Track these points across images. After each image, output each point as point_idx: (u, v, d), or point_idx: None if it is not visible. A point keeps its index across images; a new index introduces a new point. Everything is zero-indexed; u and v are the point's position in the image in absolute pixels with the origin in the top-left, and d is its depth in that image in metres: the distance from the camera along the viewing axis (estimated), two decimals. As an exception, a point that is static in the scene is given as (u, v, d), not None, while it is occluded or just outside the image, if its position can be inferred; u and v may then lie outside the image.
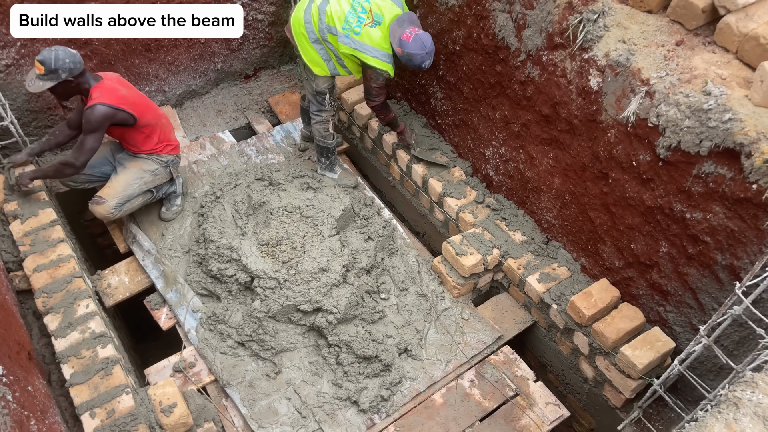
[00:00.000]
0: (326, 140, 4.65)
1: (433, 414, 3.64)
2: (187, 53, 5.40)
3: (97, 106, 3.88)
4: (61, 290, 3.81)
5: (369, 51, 4.00)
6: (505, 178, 4.36)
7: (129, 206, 4.30)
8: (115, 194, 4.19)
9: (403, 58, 3.96)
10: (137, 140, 4.25)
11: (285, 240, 4.11)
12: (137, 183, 4.27)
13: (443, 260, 4.25)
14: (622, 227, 3.53)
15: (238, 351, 3.88)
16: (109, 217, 4.21)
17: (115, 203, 4.17)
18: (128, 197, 4.25)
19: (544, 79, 3.61)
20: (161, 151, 4.35)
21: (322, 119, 4.56)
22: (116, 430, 3.20)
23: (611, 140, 3.31)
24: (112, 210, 4.18)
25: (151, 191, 4.42)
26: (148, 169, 4.30)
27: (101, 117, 3.90)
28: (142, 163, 4.31)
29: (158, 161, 4.34)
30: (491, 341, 3.96)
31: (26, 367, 3.26)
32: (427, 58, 3.94)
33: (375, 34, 3.97)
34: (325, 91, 4.39)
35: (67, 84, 3.88)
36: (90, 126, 3.92)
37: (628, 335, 3.53)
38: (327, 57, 4.21)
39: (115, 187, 4.22)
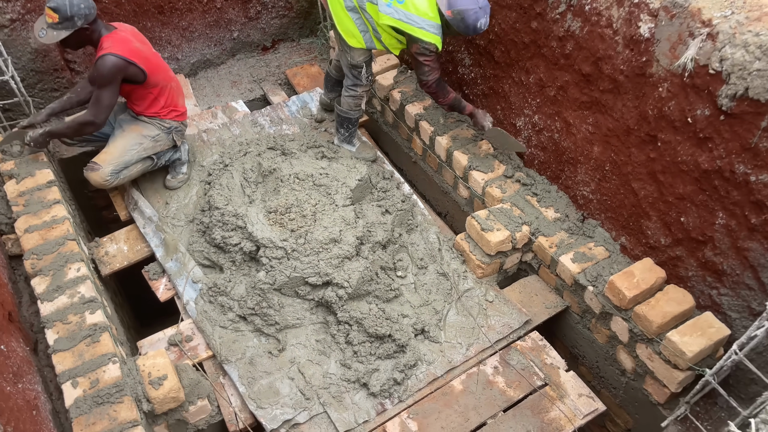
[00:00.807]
0: (350, 112, 4.33)
1: (452, 401, 3.27)
2: (202, 18, 5.14)
3: (108, 57, 3.59)
4: (52, 252, 3.52)
5: (415, 21, 3.62)
6: (537, 150, 3.98)
7: (126, 173, 4.01)
8: (111, 160, 3.90)
9: (455, 20, 3.57)
10: (144, 100, 3.96)
11: (295, 207, 3.78)
12: (135, 149, 3.98)
13: (467, 237, 3.87)
14: (671, 198, 3.13)
15: (240, 325, 3.55)
16: (105, 184, 3.93)
17: (110, 170, 3.89)
18: (125, 164, 3.96)
19: (586, 32, 3.24)
20: (165, 116, 4.05)
21: (357, 94, 4.23)
22: (99, 401, 2.88)
23: (662, 95, 2.93)
24: (108, 177, 3.89)
25: (151, 158, 4.12)
26: (148, 135, 4.01)
27: (113, 68, 3.61)
28: (142, 127, 4.02)
29: (160, 126, 4.05)
30: (518, 325, 3.57)
31: (3, 327, 2.97)
32: (481, 15, 3.52)
33: (420, 2, 3.60)
34: (361, 65, 4.06)
35: (81, 32, 3.62)
36: (102, 79, 3.64)
37: (675, 320, 3.12)
38: (364, 28, 3.87)
39: (111, 153, 3.93)
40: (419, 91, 4.66)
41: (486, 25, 3.60)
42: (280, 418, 3.15)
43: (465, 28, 3.60)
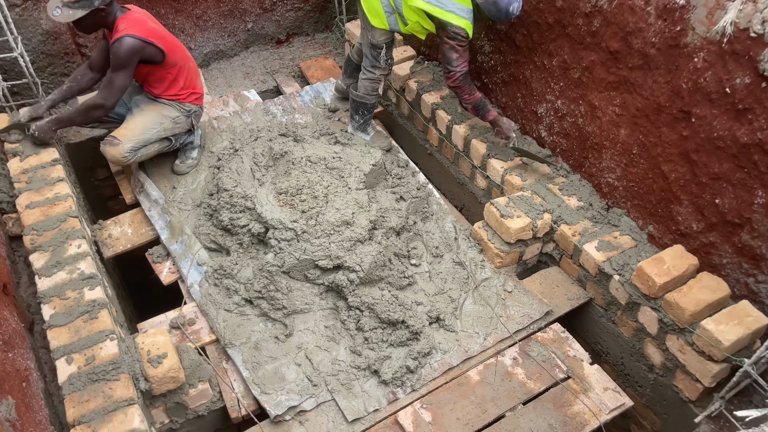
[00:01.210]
0: (366, 96, 4.20)
1: (468, 392, 3.06)
2: (216, 7, 5.06)
3: (125, 38, 3.49)
4: (52, 228, 3.38)
5: (444, 5, 3.52)
6: (559, 137, 3.82)
7: (144, 152, 3.88)
8: (132, 136, 3.77)
9: (486, 4, 3.46)
10: (163, 81, 3.83)
11: (306, 189, 3.63)
12: (156, 128, 3.85)
13: (485, 225, 3.70)
14: (705, 179, 2.95)
15: (245, 309, 3.38)
16: (122, 161, 3.78)
17: (130, 146, 3.75)
18: (145, 142, 3.83)
19: (615, 5, 3.10)
20: (185, 99, 3.94)
21: (374, 77, 4.10)
22: (94, 378, 2.71)
23: (698, 66, 2.77)
24: (126, 153, 3.75)
25: (169, 139, 4.00)
26: (168, 115, 3.90)
27: (130, 50, 3.51)
28: (162, 108, 3.90)
29: (180, 109, 3.93)
30: (539, 316, 3.38)
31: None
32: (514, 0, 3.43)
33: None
34: (382, 45, 3.94)
35: (97, 13, 3.52)
36: (118, 61, 3.53)
37: (709, 309, 2.92)
38: (390, 9, 3.76)
39: (131, 129, 3.80)
40: (436, 80, 4.53)
41: (518, 9, 3.48)
42: (285, 404, 2.96)
43: (497, 13, 3.48)
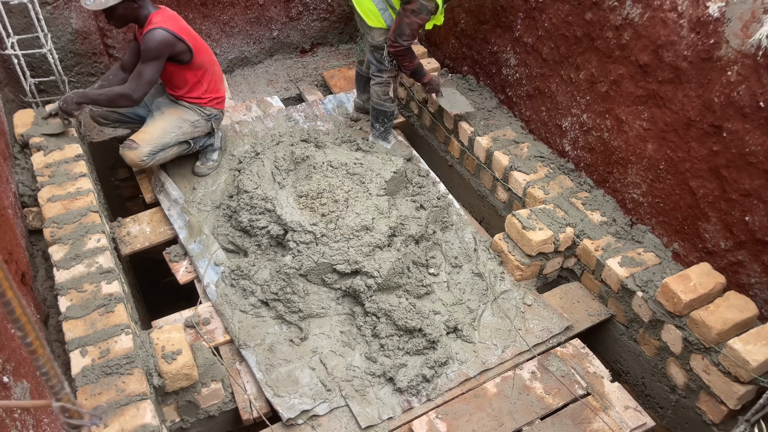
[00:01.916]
0: (384, 104, 4.20)
1: (484, 404, 2.99)
2: (243, 14, 5.11)
3: (158, 30, 3.51)
4: (73, 222, 3.38)
5: None
6: (584, 152, 3.79)
7: (162, 155, 3.89)
8: (151, 140, 3.78)
9: None
10: (187, 82, 3.85)
11: (327, 193, 3.61)
12: (175, 132, 3.86)
13: (505, 237, 3.66)
14: (735, 195, 2.89)
15: (261, 311, 3.34)
16: (140, 164, 3.80)
17: (148, 150, 3.76)
18: (164, 145, 3.84)
19: (647, 19, 3.08)
20: (206, 103, 3.96)
21: (383, 80, 4.11)
22: (108, 371, 2.68)
23: (731, 80, 2.73)
24: (145, 157, 3.76)
25: (188, 142, 4.01)
26: (188, 119, 3.91)
27: (162, 43, 3.53)
28: (182, 111, 3.92)
29: (200, 113, 3.95)
30: (558, 331, 3.31)
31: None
32: None
33: None
34: (383, 46, 3.96)
35: (129, 4, 3.54)
36: (149, 53, 3.55)
37: (736, 329, 2.85)
38: (383, 6, 3.82)
39: (150, 133, 3.81)
40: (460, 92, 4.52)
41: None
42: (298, 407, 2.91)
43: None
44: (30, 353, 0.72)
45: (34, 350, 0.71)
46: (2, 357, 2.10)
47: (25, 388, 2.17)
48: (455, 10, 4.65)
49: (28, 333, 0.70)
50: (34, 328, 0.70)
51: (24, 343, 0.70)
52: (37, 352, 0.71)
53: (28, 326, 0.69)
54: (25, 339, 0.71)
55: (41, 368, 0.74)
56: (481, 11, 4.35)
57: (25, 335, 0.70)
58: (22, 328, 0.70)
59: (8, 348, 2.22)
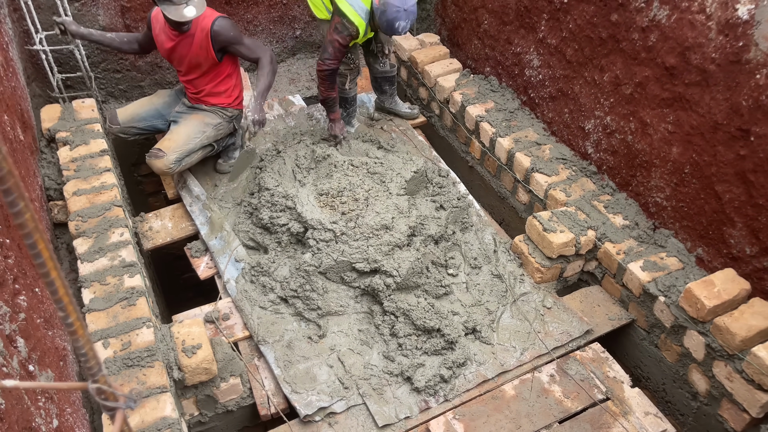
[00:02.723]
0: (344, 88, 4.30)
1: (502, 406, 2.98)
2: (267, 13, 5.14)
3: (221, 18, 3.62)
4: (97, 216, 3.44)
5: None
6: (607, 155, 3.75)
7: (188, 161, 3.91)
8: (176, 148, 3.80)
9: (378, 10, 3.61)
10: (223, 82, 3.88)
11: (347, 191, 3.62)
12: (199, 137, 3.89)
13: (526, 239, 3.63)
14: (762, 201, 2.85)
15: (280, 307, 3.36)
16: (168, 172, 3.82)
17: (175, 157, 3.79)
18: (189, 151, 3.87)
19: (674, 20, 3.04)
20: (231, 104, 3.99)
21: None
22: (129, 363, 2.72)
23: (760, 83, 2.69)
24: (172, 165, 3.79)
25: (212, 145, 4.04)
26: (210, 123, 3.93)
27: (233, 24, 3.66)
28: (203, 116, 3.95)
29: (222, 115, 3.98)
30: (578, 334, 3.28)
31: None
32: (402, 17, 3.57)
33: None
34: None
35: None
36: (237, 33, 3.67)
37: (760, 336, 2.80)
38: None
39: (175, 140, 3.83)
40: (481, 93, 4.51)
41: (405, 30, 3.65)
42: (315, 404, 2.92)
43: (383, 22, 3.62)
44: (70, 334, 0.74)
45: (74, 331, 0.72)
46: (28, 346, 2.13)
47: (50, 377, 2.21)
48: (478, 11, 4.64)
49: (70, 314, 0.71)
50: (76, 309, 0.71)
51: (65, 324, 0.71)
52: (78, 333, 0.73)
53: (69, 307, 0.71)
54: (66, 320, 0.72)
55: (80, 349, 0.75)
56: (505, 12, 4.33)
57: (67, 315, 0.71)
58: (64, 308, 0.71)
59: (34, 338, 2.26)
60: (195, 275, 3.70)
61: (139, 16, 4.56)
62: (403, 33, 3.70)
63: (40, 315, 2.50)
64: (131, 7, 4.52)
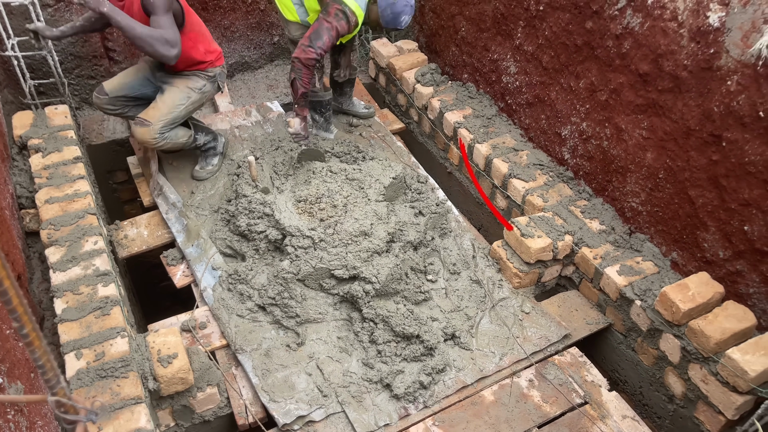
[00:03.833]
0: (318, 92, 4.27)
1: (481, 412, 2.98)
2: (244, 19, 5.12)
3: None
4: (70, 224, 3.37)
5: None
6: (583, 160, 3.79)
7: (172, 138, 3.79)
8: (161, 116, 3.67)
9: (384, 2, 3.61)
10: (184, 49, 3.65)
11: (326, 198, 3.60)
12: (184, 103, 3.74)
13: (504, 244, 3.65)
14: (734, 205, 2.90)
15: (258, 315, 3.33)
16: (152, 142, 3.70)
17: (160, 126, 3.66)
18: (174, 120, 3.73)
19: (647, 28, 3.09)
20: (208, 66, 3.82)
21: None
22: (102, 374, 2.66)
23: (731, 89, 2.74)
24: (157, 135, 3.67)
25: (194, 135, 3.96)
26: (194, 87, 3.77)
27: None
28: (186, 80, 3.78)
29: (204, 76, 3.83)
30: (556, 339, 3.30)
31: (10, 285, 2.78)
32: (408, 11, 3.62)
33: None
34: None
35: None
36: (156, 4, 3.33)
37: (734, 338, 2.84)
38: (298, 1, 3.87)
39: (160, 109, 3.69)
40: (459, 100, 4.53)
41: (406, 23, 3.70)
42: (294, 413, 2.89)
43: (389, 14, 3.64)
44: (26, 345, 0.71)
45: (30, 342, 0.70)
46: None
47: (20, 389, 2.15)
48: (456, 18, 4.67)
49: (25, 324, 0.69)
50: (31, 319, 0.69)
51: (21, 335, 0.69)
52: (34, 344, 0.70)
53: (25, 317, 0.68)
54: (21, 330, 0.70)
55: (37, 361, 0.73)
56: (482, 19, 4.36)
57: (22, 326, 0.69)
58: (19, 319, 0.69)
59: (3, 349, 2.20)
60: (172, 284, 3.65)
61: (114, 21, 4.51)
62: (404, 27, 3.73)
63: (9, 326, 2.44)
64: (106, 13, 4.46)
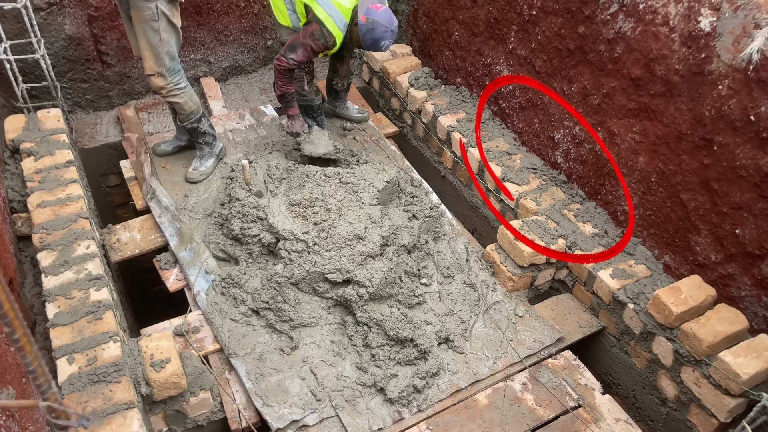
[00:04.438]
0: (308, 97, 4.31)
1: (475, 416, 2.98)
2: (238, 23, 5.12)
3: None
4: (62, 228, 3.36)
5: (326, 6, 3.65)
6: (576, 164, 3.80)
7: (189, 93, 3.85)
8: (153, 61, 3.63)
9: (364, 27, 3.61)
10: None
11: (319, 201, 3.60)
12: (158, 36, 3.57)
13: (498, 248, 3.66)
14: (726, 208, 2.91)
15: (251, 320, 3.32)
16: (167, 88, 3.73)
17: (159, 69, 3.65)
18: (165, 54, 3.64)
19: (639, 32, 3.11)
20: None
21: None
22: (95, 379, 2.65)
23: (722, 94, 2.76)
24: (167, 83, 3.70)
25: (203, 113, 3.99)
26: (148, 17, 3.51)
27: None
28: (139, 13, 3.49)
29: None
30: (550, 342, 3.31)
31: (2, 289, 2.76)
32: (388, 36, 3.63)
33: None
34: None
35: None
36: None
37: (726, 341, 2.85)
38: (291, 7, 3.89)
39: (146, 57, 3.64)
40: (452, 104, 4.54)
41: (387, 48, 3.71)
42: (287, 417, 2.88)
43: (369, 39, 3.65)
44: (17, 350, 0.71)
45: (21, 347, 0.69)
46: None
47: (11, 394, 2.14)
48: (449, 22, 4.68)
49: (16, 329, 0.68)
50: (22, 324, 0.68)
51: (12, 340, 0.68)
52: (25, 349, 0.70)
53: (15, 322, 0.68)
54: (12, 335, 0.69)
55: (28, 366, 0.72)
56: (475, 23, 4.38)
57: (13, 331, 0.69)
58: (10, 323, 0.68)
59: (-6, 354, 2.19)
60: (165, 288, 3.64)
61: (106, 25, 4.50)
62: (384, 50, 3.75)
63: (0, 330, 2.42)
64: (99, 17, 4.45)
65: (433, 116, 4.49)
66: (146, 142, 4.39)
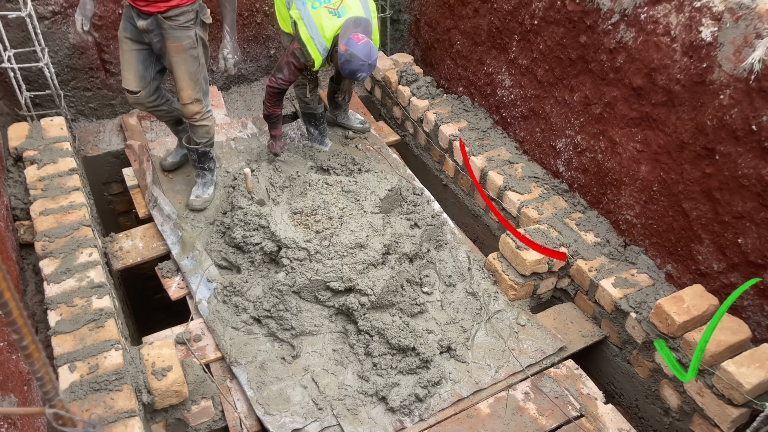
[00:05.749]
0: (310, 106, 4.33)
1: (477, 425, 2.97)
2: (241, 32, 5.14)
3: None
4: (65, 236, 3.36)
5: (311, 28, 3.70)
6: (578, 173, 3.81)
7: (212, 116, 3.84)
8: (193, 89, 3.57)
9: (342, 57, 3.61)
10: None
11: (321, 209, 3.61)
12: (196, 63, 3.54)
13: (499, 256, 3.66)
14: (728, 218, 2.91)
15: (253, 328, 3.31)
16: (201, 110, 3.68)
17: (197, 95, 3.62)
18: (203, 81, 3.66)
19: (640, 42, 3.12)
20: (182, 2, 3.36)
21: (299, 83, 4.27)
22: (96, 387, 2.65)
23: (723, 103, 2.77)
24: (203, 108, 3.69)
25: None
26: (187, 45, 3.46)
27: None
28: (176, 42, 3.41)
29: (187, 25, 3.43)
30: (552, 351, 3.30)
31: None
32: (365, 70, 3.62)
33: (327, 22, 3.69)
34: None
35: None
36: None
37: (729, 351, 2.84)
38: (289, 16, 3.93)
39: (184, 88, 3.54)
40: (454, 113, 4.56)
41: (363, 79, 3.72)
42: (289, 426, 2.87)
43: (346, 69, 3.65)
44: (25, 357, 0.71)
45: (29, 354, 0.70)
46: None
47: (13, 402, 2.14)
48: (451, 32, 4.71)
49: (25, 336, 0.69)
50: (31, 331, 0.69)
51: (20, 347, 0.69)
52: (33, 356, 0.70)
53: (24, 329, 0.68)
54: (21, 342, 0.69)
55: (36, 373, 0.73)
56: (477, 33, 4.40)
57: (22, 338, 0.69)
58: (19, 330, 0.69)
59: (-4, 362, 2.19)
60: (167, 296, 3.64)
61: (110, 33, 4.52)
62: (361, 81, 3.77)
63: (3, 338, 2.43)
64: (102, 25, 4.48)
65: (435, 125, 4.51)
66: (149, 150, 4.40)
